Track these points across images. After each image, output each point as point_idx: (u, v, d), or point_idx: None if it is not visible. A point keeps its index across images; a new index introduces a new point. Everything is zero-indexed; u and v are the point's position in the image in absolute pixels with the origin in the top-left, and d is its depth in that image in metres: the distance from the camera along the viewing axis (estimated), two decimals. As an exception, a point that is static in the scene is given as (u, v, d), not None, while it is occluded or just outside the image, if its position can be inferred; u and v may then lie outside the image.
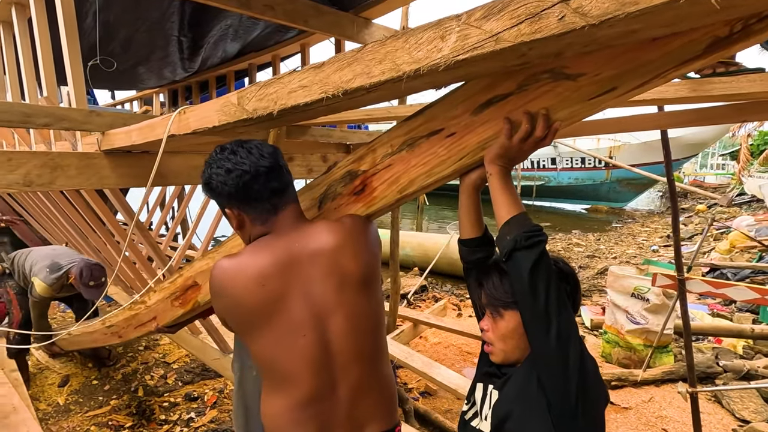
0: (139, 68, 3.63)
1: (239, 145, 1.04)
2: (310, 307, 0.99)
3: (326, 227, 1.05)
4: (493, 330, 0.97)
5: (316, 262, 1.00)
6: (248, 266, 0.99)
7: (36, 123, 1.55)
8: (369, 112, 2.05)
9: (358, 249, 1.04)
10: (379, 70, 0.80)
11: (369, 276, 1.05)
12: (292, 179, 1.08)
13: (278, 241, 1.02)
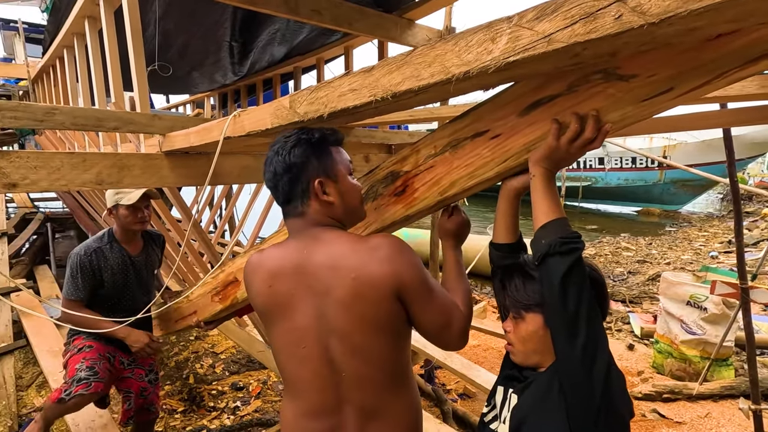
0: (194, 73, 3.84)
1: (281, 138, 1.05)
2: (313, 319, 0.96)
3: (346, 243, 0.96)
4: (515, 331, 0.97)
5: (323, 276, 0.95)
6: (263, 264, 1.04)
7: (106, 126, 1.68)
8: (412, 113, 2.06)
9: (364, 276, 0.92)
10: (428, 73, 0.82)
11: (369, 309, 0.95)
12: (308, 181, 0.99)
13: (292, 243, 1.02)
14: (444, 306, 0.97)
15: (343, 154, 1.05)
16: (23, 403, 2.95)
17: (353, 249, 0.95)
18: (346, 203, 1.02)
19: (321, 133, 1.03)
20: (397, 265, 0.92)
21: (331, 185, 1.00)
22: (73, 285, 1.93)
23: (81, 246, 1.99)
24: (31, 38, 6.37)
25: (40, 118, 1.52)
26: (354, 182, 1.06)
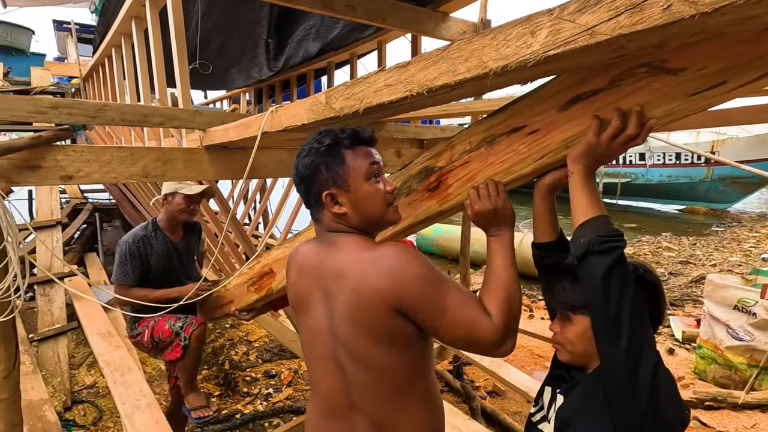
0: (231, 69, 3.95)
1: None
2: (324, 322, 0.97)
3: (354, 251, 0.94)
4: (562, 333, 0.96)
5: (331, 282, 0.95)
6: (295, 258, 1.09)
7: (152, 122, 1.77)
8: (445, 108, 2.05)
9: (362, 288, 0.89)
10: (465, 67, 0.81)
11: (366, 322, 0.91)
12: (318, 193, 0.97)
13: (315, 244, 1.04)
14: (463, 323, 0.87)
15: (360, 157, 0.96)
16: (75, 380, 3.17)
17: (358, 259, 0.92)
18: (361, 212, 0.96)
19: (333, 138, 0.97)
20: (396, 281, 0.87)
21: (343, 196, 0.95)
22: (123, 270, 2.04)
23: (128, 235, 2.10)
24: (82, 38, 6.73)
25: (92, 114, 1.61)
26: (374, 187, 0.96)
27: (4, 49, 7.58)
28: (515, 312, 0.91)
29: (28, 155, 1.50)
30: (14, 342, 1.51)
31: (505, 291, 0.92)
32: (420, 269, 0.88)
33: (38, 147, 1.50)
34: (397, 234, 1.24)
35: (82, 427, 2.72)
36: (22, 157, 1.49)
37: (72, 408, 2.87)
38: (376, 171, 0.98)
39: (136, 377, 2.28)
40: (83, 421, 2.78)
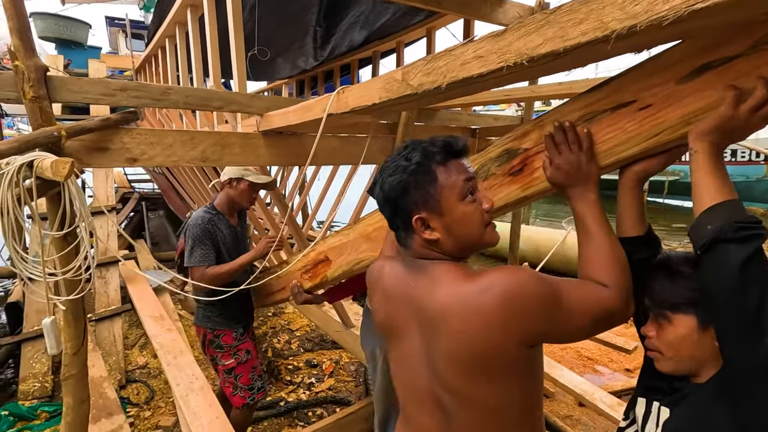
0: (278, 59, 3.96)
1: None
2: (421, 357, 0.89)
3: (452, 284, 0.83)
4: (659, 337, 0.85)
5: (429, 319, 0.85)
6: (382, 279, 1.00)
7: (212, 106, 1.76)
8: (509, 92, 1.94)
9: (472, 329, 0.78)
10: (579, 31, 0.72)
11: (478, 362, 0.80)
12: (407, 217, 0.87)
13: (403, 268, 0.94)
14: (589, 312, 0.79)
15: (454, 174, 0.85)
16: (129, 360, 3.29)
17: (460, 296, 0.80)
18: (456, 237, 0.86)
19: (422, 153, 0.86)
20: (515, 313, 0.76)
21: (435, 219, 0.85)
22: (203, 251, 1.99)
23: (196, 218, 2.06)
24: (133, 33, 6.99)
25: (157, 97, 1.62)
26: (470, 207, 0.86)
27: (64, 42, 8.01)
28: (626, 270, 0.84)
29: (97, 137, 1.52)
30: (83, 320, 1.55)
31: (609, 253, 0.84)
32: (535, 283, 0.77)
33: (107, 129, 1.52)
34: None
35: (135, 406, 2.82)
36: (91, 139, 1.51)
37: (126, 386, 2.98)
38: (471, 188, 0.86)
39: (188, 360, 2.33)
40: (136, 400, 2.87)
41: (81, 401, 1.56)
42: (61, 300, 1.44)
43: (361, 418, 2.33)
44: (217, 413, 1.91)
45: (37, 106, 1.36)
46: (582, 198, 0.90)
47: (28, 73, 1.32)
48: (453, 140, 0.88)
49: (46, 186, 1.33)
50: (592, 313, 0.80)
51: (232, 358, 2.12)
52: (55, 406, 2.66)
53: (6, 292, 4.90)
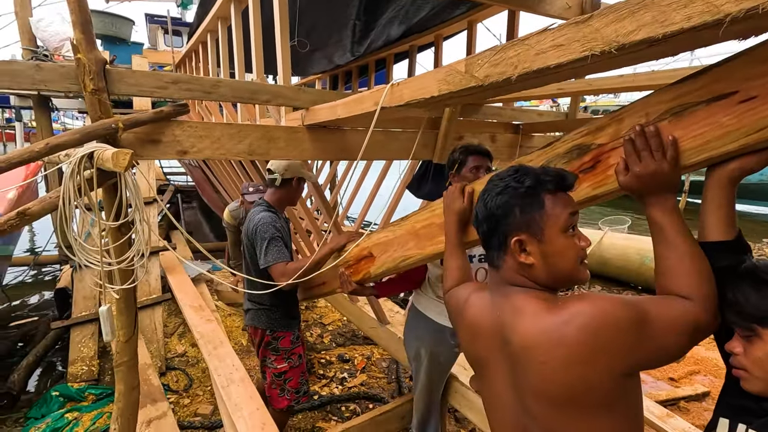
0: (316, 53, 3.96)
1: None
2: (509, 390, 0.89)
3: (536, 316, 0.82)
4: (747, 354, 0.78)
5: (514, 351, 0.85)
6: (467, 311, 1.00)
7: (259, 99, 1.76)
8: (561, 86, 1.86)
9: (555, 361, 0.78)
10: (683, 15, 0.66)
11: (565, 395, 0.79)
12: (506, 236, 0.88)
13: (488, 298, 0.95)
14: (675, 330, 0.76)
15: (560, 205, 0.85)
16: (168, 348, 3.38)
17: (541, 327, 0.80)
18: (550, 267, 0.85)
19: (535, 179, 0.86)
20: (596, 352, 0.74)
21: (534, 245, 0.85)
22: (278, 249, 1.97)
23: (263, 215, 2.04)
24: (172, 30, 7.17)
25: (208, 90, 1.63)
26: (570, 241, 0.85)
27: (109, 38, 8.33)
28: (711, 281, 0.80)
29: (150, 129, 1.54)
30: (134, 308, 1.58)
31: (693, 264, 0.80)
32: (622, 310, 0.75)
33: (160, 122, 1.53)
34: None
35: (175, 393, 2.89)
36: (145, 131, 1.53)
37: (166, 373, 3.06)
38: (574, 222, 0.87)
39: (228, 350, 2.36)
40: (176, 387, 2.95)
41: (132, 388, 1.59)
42: (115, 289, 1.47)
43: (397, 416, 2.31)
44: (258, 405, 1.92)
45: (96, 98, 1.39)
46: (660, 206, 0.85)
47: (89, 66, 1.34)
48: (566, 173, 0.89)
49: (104, 177, 1.36)
50: (680, 330, 0.77)
51: (285, 362, 2.11)
52: (101, 389, 2.76)
53: (54, 278, 5.14)
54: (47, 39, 4.74)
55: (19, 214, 1.20)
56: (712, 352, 3.69)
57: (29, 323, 3.87)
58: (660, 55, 0.82)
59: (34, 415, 2.57)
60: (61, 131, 11.08)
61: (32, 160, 1.23)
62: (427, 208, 1.46)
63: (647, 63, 1.01)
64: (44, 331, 3.53)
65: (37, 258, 5.16)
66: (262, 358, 2.16)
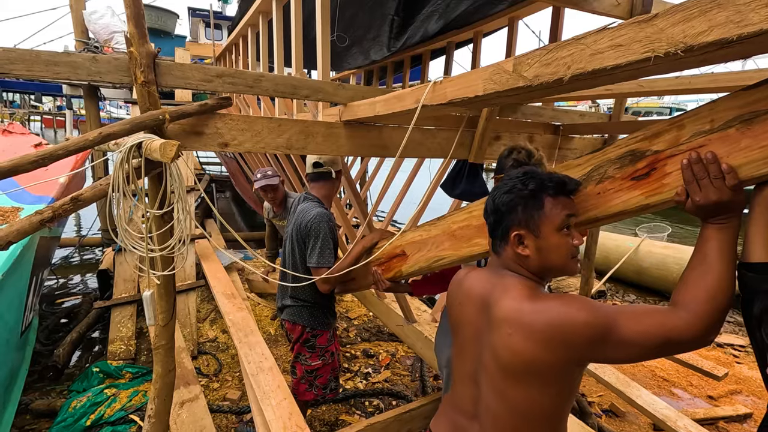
0: (353, 49, 3.97)
1: None
2: (475, 348, 1.05)
3: (518, 299, 0.95)
4: None
5: (492, 319, 0.99)
6: (466, 280, 1.14)
7: (300, 94, 1.78)
8: (609, 86, 1.78)
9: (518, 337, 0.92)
10: (763, 15, 0.61)
11: (514, 365, 0.93)
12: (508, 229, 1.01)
13: (487, 274, 1.08)
14: (650, 337, 0.82)
15: (558, 207, 0.97)
16: (200, 333, 3.50)
17: (518, 310, 0.94)
18: (543, 259, 0.98)
19: (538, 183, 0.98)
20: (552, 343, 0.87)
21: (531, 239, 0.98)
22: (330, 252, 1.96)
23: (322, 213, 2.00)
24: (214, 24, 7.36)
25: (250, 84, 1.65)
26: (563, 239, 0.97)
27: (154, 31, 8.65)
28: (721, 305, 0.81)
29: (195, 121, 1.59)
30: (173, 294, 1.64)
31: (711, 282, 0.81)
32: (585, 320, 0.85)
33: (204, 114, 1.57)
34: (578, 226, 1.07)
35: (205, 376, 2.99)
36: (189, 123, 1.58)
37: (197, 357, 3.17)
38: (569, 223, 0.98)
39: (258, 339, 2.42)
40: (206, 371, 3.05)
41: (168, 370, 1.65)
42: (157, 275, 1.53)
43: (422, 415, 2.30)
44: (285, 395, 1.96)
45: (146, 90, 1.44)
46: (718, 225, 0.84)
47: (140, 59, 1.39)
48: (568, 180, 1.00)
49: (151, 166, 1.40)
50: (646, 343, 0.83)
51: (319, 359, 2.12)
52: (137, 368, 2.89)
53: (97, 259, 5.41)
54: (98, 31, 4.97)
55: (72, 199, 1.26)
56: (755, 371, 3.48)
57: (73, 302, 4.10)
58: (730, 57, 0.77)
59: (76, 388, 2.72)
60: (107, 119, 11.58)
61: (86, 148, 1.28)
62: (465, 210, 1.43)
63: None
64: (87, 310, 3.72)
65: (82, 240, 5.45)
66: (297, 353, 2.15)
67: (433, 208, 3.45)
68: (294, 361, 2.17)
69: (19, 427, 2.42)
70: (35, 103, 20.03)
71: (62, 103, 21.76)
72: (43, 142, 3.57)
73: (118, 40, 5.02)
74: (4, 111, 15.11)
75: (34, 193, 2.80)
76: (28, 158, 1.17)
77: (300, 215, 2.05)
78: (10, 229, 1.15)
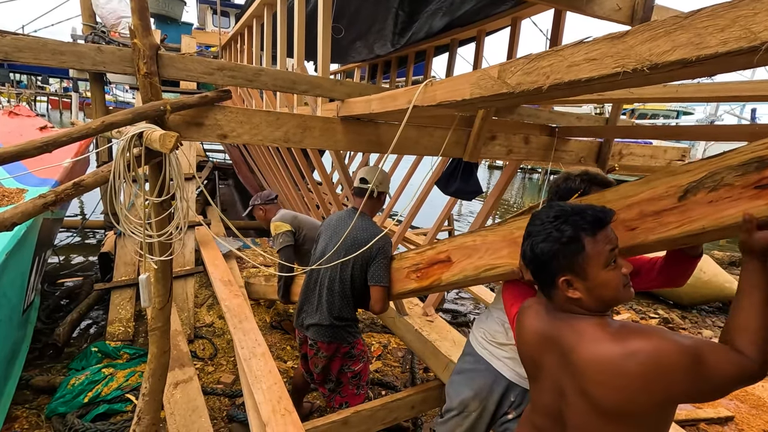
0: (357, 43, 3.99)
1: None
2: (552, 379, 1.05)
3: (596, 342, 0.94)
4: None
5: (567, 358, 0.99)
6: (529, 324, 1.13)
7: (298, 89, 1.82)
8: (602, 92, 1.81)
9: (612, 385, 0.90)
10: (719, 39, 0.66)
11: (606, 408, 0.92)
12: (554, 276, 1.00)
13: (547, 316, 1.08)
14: (716, 378, 0.84)
15: (600, 245, 0.95)
16: (197, 317, 3.58)
17: (604, 355, 0.91)
18: (596, 297, 0.97)
19: (574, 227, 0.96)
20: (649, 387, 0.86)
21: (579, 282, 0.97)
22: (389, 270, 1.94)
23: (382, 231, 1.98)
24: (221, 11, 7.36)
25: (250, 78, 1.70)
26: (611, 274, 0.96)
27: (161, 18, 8.66)
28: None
29: (195, 113, 1.63)
30: (170, 278, 1.70)
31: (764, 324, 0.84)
32: (678, 355, 0.84)
33: (204, 105, 1.62)
34: (673, 241, 1.03)
35: (201, 360, 3.07)
36: (190, 114, 1.62)
37: (194, 341, 3.25)
38: (614, 256, 0.96)
39: (252, 326, 2.48)
40: (202, 355, 3.13)
41: (163, 352, 1.72)
42: (154, 259, 1.59)
43: (408, 405, 2.37)
44: (276, 380, 2.03)
45: (148, 81, 1.49)
46: (755, 271, 0.85)
47: (143, 51, 1.44)
48: (602, 214, 0.97)
49: (151, 155, 1.46)
50: (729, 381, 0.84)
51: (360, 362, 2.14)
52: (135, 350, 2.97)
53: (99, 242, 5.49)
54: (105, 16, 5.00)
55: (74, 184, 1.32)
56: (741, 376, 3.54)
57: (75, 283, 4.18)
58: (693, 75, 0.81)
59: (75, 366, 2.80)
60: (113, 103, 11.58)
61: (89, 135, 1.34)
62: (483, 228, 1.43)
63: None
64: (87, 291, 3.80)
65: (85, 222, 5.53)
66: (339, 370, 2.11)
67: (435, 205, 3.50)
68: (338, 374, 2.13)
69: (20, 401, 2.50)
70: (42, 84, 20.09)
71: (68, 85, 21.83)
72: (49, 125, 3.63)
73: (125, 25, 5.04)
74: (11, 91, 15.19)
75: (39, 176, 2.87)
76: (33, 144, 1.22)
77: (364, 232, 2.00)
78: (15, 211, 1.20)
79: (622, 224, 1.09)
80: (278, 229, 2.63)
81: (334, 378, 2.14)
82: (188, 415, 2.12)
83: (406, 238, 4.78)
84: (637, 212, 1.07)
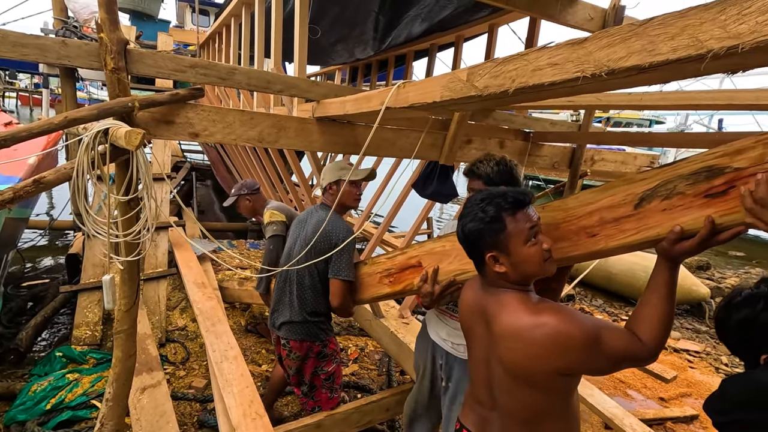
0: (337, 45, 3.99)
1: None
2: (483, 355, 1.16)
3: (515, 314, 1.05)
4: None
5: (493, 333, 1.11)
6: (468, 295, 1.26)
7: (273, 89, 1.81)
8: (572, 98, 1.86)
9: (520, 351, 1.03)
10: (669, 47, 0.68)
11: (519, 374, 1.05)
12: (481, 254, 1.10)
13: (481, 290, 1.19)
14: (618, 356, 0.98)
15: (520, 223, 1.05)
16: (169, 321, 3.49)
17: (517, 325, 1.03)
18: (520, 272, 1.07)
19: (496, 207, 1.06)
20: (559, 352, 0.97)
21: (504, 258, 1.07)
22: (352, 265, 1.91)
23: (344, 226, 1.96)
24: (200, 10, 7.24)
25: (224, 77, 1.68)
26: (532, 250, 1.05)
27: (137, 14, 8.46)
28: (669, 330, 0.99)
29: (166, 110, 1.60)
30: (137, 280, 1.65)
31: (662, 315, 0.98)
32: (579, 333, 0.96)
33: (175, 103, 1.59)
34: (632, 247, 1.04)
35: (172, 364, 2.99)
36: (160, 112, 1.59)
37: (165, 345, 3.16)
38: (534, 233, 1.05)
39: (225, 329, 2.44)
40: (173, 359, 3.05)
41: (129, 355, 1.67)
42: (120, 260, 1.54)
43: (382, 408, 2.36)
44: (248, 383, 1.99)
45: (115, 77, 1.45)
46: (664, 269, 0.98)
47: (110, 46, 1.40)
48: (522, 196, 1.07)
49: (117, 153, 1.42)
50: (619, 359, 0.98)
51: (333, 363, 2.10)
52: (102, 354, 2.87)
53: (67, 243, 5.30)
54: (78, 11, 4.86)
55: (35, 182, 1.27)
56: (706, 376, 3.67)
57: (40, 285, 4.02)
58: (650, 81, 0.84)
59: (38, 372, 2.69)
60: (87, 100, 11.24)
61: (51, 131, 1.29)
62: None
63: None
64: (54, 294, 3.66)
65: (53, 223, 5.33)
66: (313, 372, 2.08)
67: (415, 206, 3.51)
68: (311, 378, 2.09)
69: (-24, 409, 2.39)
70: (10, 79, 19.34)
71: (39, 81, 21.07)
72: (14, 122, 3.49)
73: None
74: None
75: (2, 173, 2.75)
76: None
77: (320, 223, 1.93)
78: (-31, 208, 1.15)
79: (584, 231, 1.12)
80: (273, 217, 2.57)
81: (308, 381, 2.12)
82: (155, 421, 2.06)
83: (384, 241, 4.77)
84: (597, 219, 1.09)
